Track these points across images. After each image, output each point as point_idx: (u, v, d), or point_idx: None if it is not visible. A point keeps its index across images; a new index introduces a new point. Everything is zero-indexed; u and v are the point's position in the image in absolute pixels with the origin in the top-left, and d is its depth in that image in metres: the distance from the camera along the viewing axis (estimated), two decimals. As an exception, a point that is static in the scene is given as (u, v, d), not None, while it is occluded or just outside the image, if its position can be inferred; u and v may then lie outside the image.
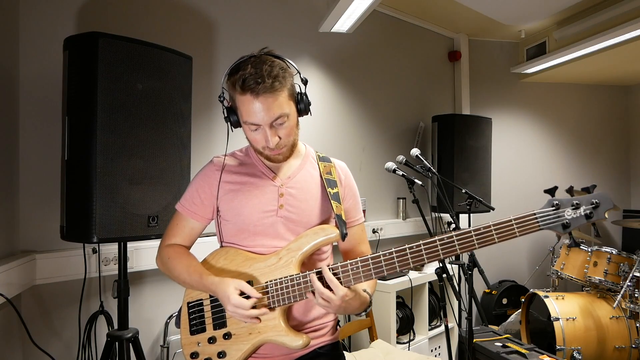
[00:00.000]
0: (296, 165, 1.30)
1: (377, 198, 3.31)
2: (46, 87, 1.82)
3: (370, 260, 1.12)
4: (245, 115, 1.15)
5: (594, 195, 1.03)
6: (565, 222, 1.03)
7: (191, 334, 1.24)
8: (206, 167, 1.32)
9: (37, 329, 1.79)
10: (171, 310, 2.15)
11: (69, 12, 1.93)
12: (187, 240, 1.34)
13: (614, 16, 3.15)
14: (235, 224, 1.25)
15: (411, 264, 1.10)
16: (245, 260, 1.22)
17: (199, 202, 1.29)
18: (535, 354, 2.18)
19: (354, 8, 2.60)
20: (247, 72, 1.10)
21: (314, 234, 1.19)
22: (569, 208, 1.04)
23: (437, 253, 1.08)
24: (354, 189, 1.37)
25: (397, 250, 1.11)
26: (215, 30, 2.43)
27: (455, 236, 1.07)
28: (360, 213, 1.38)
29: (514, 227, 1.04)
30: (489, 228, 1.05)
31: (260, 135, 1.17)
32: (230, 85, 1.16)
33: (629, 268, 2.77)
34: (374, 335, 2.39)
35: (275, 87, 1.11)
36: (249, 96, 1.11)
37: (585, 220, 1.02)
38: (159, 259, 1.32)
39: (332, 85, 3.04)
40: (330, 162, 1.34)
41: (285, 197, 1.24)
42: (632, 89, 4.61)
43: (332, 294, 1.09)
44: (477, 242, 1.06)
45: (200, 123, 2.29)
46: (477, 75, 4.07)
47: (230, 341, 1.19)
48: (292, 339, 1.14)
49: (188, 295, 1.28)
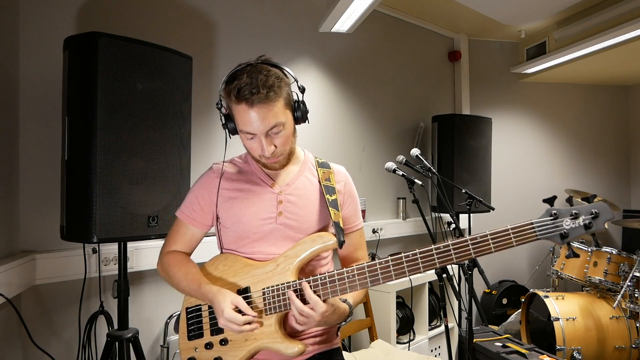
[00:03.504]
0: (295, 171, 1.29)
1: (377, 198, 3.31)
2: (46, 87, 1.82)
3: (355, 271, 1.11)
4: (241, 125, 1.15)
5: (594, 205, 1.01)
6: (563, 232, 1.01)
7: (189, 339, 1.24)
8: (205, 173, 1.32)
9: (37, 329, 1.79)
10: (171, 310, 2.15)
11: (69, 12, 1.93)
12: (188, 247, 1.34)
13: (614, 16, 3.15)
14: (235, 231, 1.25)
15: (407, 273, 1.09)
16: (244, 267, 1.22)
17: (199, 209, 1.29)
18: (535, 354, 2.18)
19: (354, 8, 2.59)
20: (242, 81, 1.10)
21: (312, 241, 1.19)
22: (567, 218, 1.02)
23: (433, 262, 1.07)
24: (354, 195, 1.36)
25: (394, 259, 1.09)
26: (215, 30, 2.42)
27: (452, 245, 1.06)
28: (359, 218, 1.37)
29: (511, 236, 1.04)
30: (486, 237, 1.04)
31: (257, 144, 1.17)
32: (226, 94, 1.16)
33: (629, 268, 2.77)
34: (374, 335, 2.39)
35: (270, 97, 1.10)
36: (244, 106, 1.11)
37: (584, 230, 1.01)
38: (160, 266, 1.32)
39: (332, 85, 3.04)
40: (330, 168, 1.33)
41: (284, 204, 1.24)
42: (632, 89, 4.61)
43: (312, 312, 1.08)
44: (473, 251, 1.05)
45: (200, 123, 2.29)
46: (477, 75, 4.07)
47: (226, 347, 1.19)
48: (288, 346, 1.14)
49: (187, 301, 1.28)
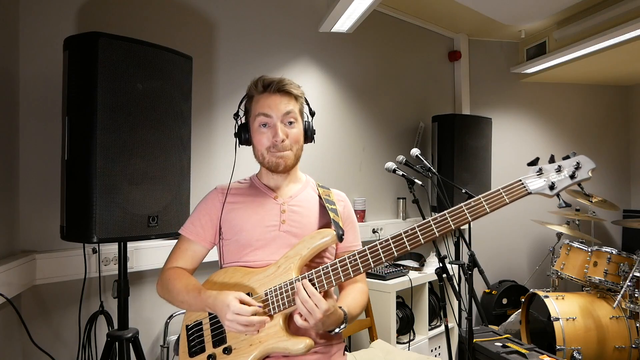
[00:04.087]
0: (297, 188, 1.35)
1: (377, 198, 3.31)
2: (46, 87, 1.82)
3: (357, 255, 1.13)
4: (259, 108, 1.25)
5: (575, 158, 1.08)
6: (550, 183, 1.07)
7: (190, 356, 1.22)
8: (210, 193, 1.37)
9: (37, 329, 1.79)
10: (171, 310, 2.15)
11: (69, 12, 1.93)
12: (189, 264, 1.34)
13: (614, 16, 3.15)
14: (238, 241, 1.26)
15: (408, 248, 1.11)
16: (245, 275, 1.22)
17: (202, 224, 1.31)
18: (535, 354, 2.18)
19: (354, 8, 2.59)
20: (270, 78, 1.27)
21: (311, 238, 1.20)
22: (552, 172, 1.09)
23: (432, 232, 1.10)
24: (352, 217, 1.41)
25: (393, 236, 1.13)
26: (215, 30, 2.42)
27: (448, 213, 1.10)
28: (358, 240, 1.39)
29: (503, 195, 1.08)
30: (479, 200, 1.09)
31: (269, 132, 1.24)
32: (251, 87, 1.29)
33: (629, 268, 2.76)
34: (374, 335, 2.39)
35: (292, 91, 1.26)
36: (267, 93, 1.25)
37: (570, 180, 1.06)
38: (159, 284, 1.31)
39: (332, 86, 3.04)
40: (329, 190, 1.39)
41: (288, 213, 1.28)
42: (632, 89, 4.61)
43: (315, 307, 1.08)
44: (469, 214, 1.08)
45: (200, 123, 2.29)
46: (477, 75, 4.07)
47: (230, 356, 1.17)
48: (295, 343, 1.12)
49: (186, 319, 1.26)
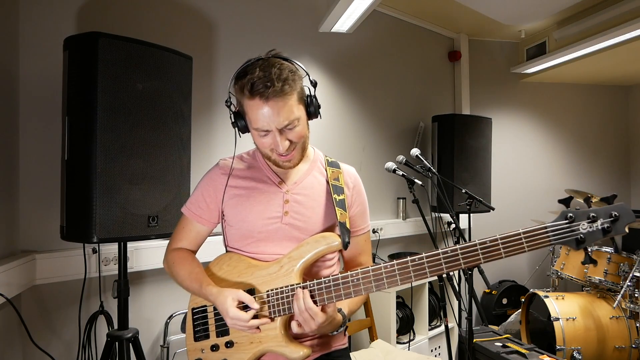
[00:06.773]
0: (303, 170, 1.27)
1: (377, 198, 3.31)
2: (46, 87, 1.82)
3: (360, 275, 1.08)
4: (254, 122, 1.10)
5: (613, 207, 0.91)
6: (579, 236, 0.92)
7: (195, 340, 1.23)
8: (212, 170, 1.30)
9: (37, 329, 1.79)
10: (171, 310, 2.15)
11: (69, 12, 1.93)
12: (194, 244, 1.33)
13: (614, 16, 3.15)
14: (240, 230, 1.24)
15: (413, 278, 1.04)
16: (248, 268, 1.21)
17: (205, 205, 1.28)
18: (535, 354, 2.18)
19: (354, 8, 2.59)
20: (255, 75, 1.06)
21: (315, 242, 1.16)
22: (584, 221, 0.92)
23: (440, 267, 1.01)
24: (363, 196, 1.32)
25: (400, 263, 1.05)
26: (215, 30, 2.43)
27: (460, 250, 1.00)
28: (366, 222, 1.33)
29: (523, 241, 0.95)
30: (496, 242, 0.97)
31: (270, 140, 1.12)
32: (237, 89, 1.11)
33: (629, 268, 2.76)
34: (374, 335, 2.39)
35: (285, 91, 1.07)
36: (257, 100, 1.07)
37: (602, 235, 0.91)
38: (166, 263, 1.31)
39: (332, 85, 3.04)
40: (339, 168, 1.30)
41: (291, 203, 1.22)
42: (632, 89, 4.61)
43: (311, 319, 1.06)
44: (482, 256, 0.98)
45: (200, 123, 2.29)
46: (477, 75, 4.07)
47: (232, 350, 1.18)
48: (293, 350, 1.12)
49: (193, 301, 1.27)
